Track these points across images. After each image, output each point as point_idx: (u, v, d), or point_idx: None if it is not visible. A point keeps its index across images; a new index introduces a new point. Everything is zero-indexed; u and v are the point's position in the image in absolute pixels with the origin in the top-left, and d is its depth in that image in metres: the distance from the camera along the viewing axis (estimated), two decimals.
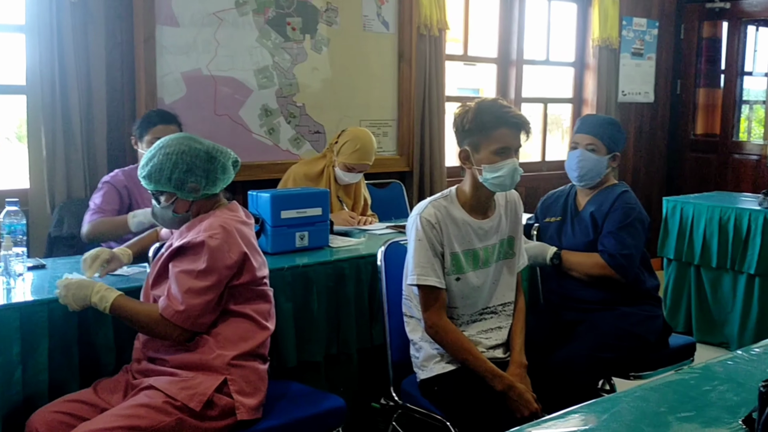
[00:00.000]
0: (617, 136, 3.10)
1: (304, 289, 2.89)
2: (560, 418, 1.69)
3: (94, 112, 3.80)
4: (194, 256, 2.29)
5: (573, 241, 3.09)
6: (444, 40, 5.13)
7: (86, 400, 2.30)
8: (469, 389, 2.47)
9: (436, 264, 2.51)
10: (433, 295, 2.51)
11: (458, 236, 2.55)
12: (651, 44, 6.65)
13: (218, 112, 4.25)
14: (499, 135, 2.48)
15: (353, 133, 3.88)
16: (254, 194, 3.13)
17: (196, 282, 2.26)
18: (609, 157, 3.07)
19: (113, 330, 2.48)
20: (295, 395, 2.58)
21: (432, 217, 2.52)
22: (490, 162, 2.50)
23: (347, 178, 3.85)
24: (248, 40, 4.30)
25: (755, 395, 1.47)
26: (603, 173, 3.08)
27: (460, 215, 2.57)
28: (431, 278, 2.50)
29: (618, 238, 2.96)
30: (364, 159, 3.82)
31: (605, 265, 2.96)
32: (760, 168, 6.45)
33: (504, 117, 2.48)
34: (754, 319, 4.61)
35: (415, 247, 2.52)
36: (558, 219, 3.18)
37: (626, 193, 3.07)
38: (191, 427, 2.21)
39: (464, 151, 2.55)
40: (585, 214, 3.09)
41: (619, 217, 2.99)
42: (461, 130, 2.53)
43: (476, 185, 2.57)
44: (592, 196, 3.11)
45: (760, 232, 4.52)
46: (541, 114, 6.16)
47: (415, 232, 2.53)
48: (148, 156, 2.38)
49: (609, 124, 3.13)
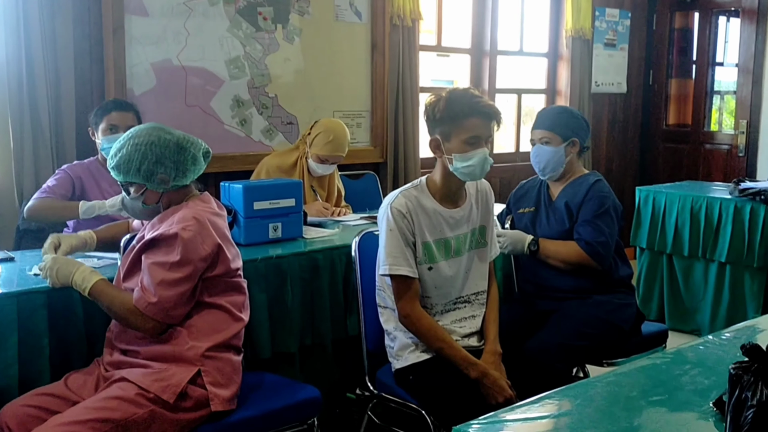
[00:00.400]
0: (571, 123, 3.10)
1: (278, 281, 2.88)
2: (534, 404, 1.70)
3: (63, 104, 3.75)
4: (167, 248, 2.26)
5: (548, 230, 3.10)
6: (417, 31, 5.13)
7: (57, 393, 2.27)
8: (444, 378, 2.48)
9: (408, 253, 2.51)
10: (405, 285, 2.51)
11: (429, 225, 2.55)
12: (623, 35, 6.69)
13: (189, 103, 4.21)
14: (470, 124, 2.48)
15: (326, 124, 3.86)
16: (227, 185, 3.10)
17: (169, 274, 2.24)
18: (566, 144, 3.07)
19: (84, 322, 2.46)
20: (269, 386, 2.56)
21: (403, 206, 2.51)
22: (460, 151, 2.50)
23: (320, 170, 3.83)
24: (219, 30, 4.26)
25: (725, 379, 1.48)
26: (563, 162, 3.08)
27: (431, 204, 2.57)
28: (403, 268, 2.50)
29: (594, 227, 2.98)
30: (337, 151, 3.80)
31: (582, 252, 2.98)
32: (730, 158, 6.52)
33: (475, 106, 2.48)
34: (725, 306, 4.67)
35: (387, 237, 2.51)
36: (531, 209, 3.19)
37: (599, 182, 3.09)
38: (164, 419, 2.19)
39: (435, 139, 2.55)
40: (559, 204, 3.10)
41: (594, 206, 3.00)
42: (432, 119, 2.52)
43: (447, 174, 2.57)
44: (565, 186, 3.12)
45: (731, 221, 4.57)
46: (515, 105, 6.17)
47: (386, 222, 2.52)
48: (116, 146, 2.35)
49: (560, 113, 3.15)
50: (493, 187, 6.30)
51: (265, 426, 2.41)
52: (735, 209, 4.57)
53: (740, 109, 6.41)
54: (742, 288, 4.61)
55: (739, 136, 6.40)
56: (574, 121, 3.11)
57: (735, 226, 4.56)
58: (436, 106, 2.50)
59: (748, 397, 1.35)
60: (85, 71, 3.86)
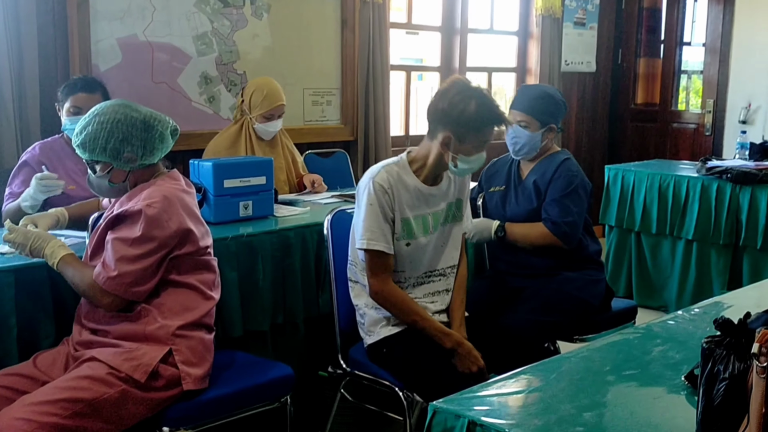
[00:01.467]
0: (551, 110, 3.06)
1: (249, 259, 2.85)
2: (509, 379, 1.71)
3: (26, 79, 3.67)
4: (131, 224, 2.24)
5: (517, 209, 3.10)
6: (388, 8, 5.09)
7: (25, 373, 2.24)
8: (418, 349, 2.49)
9: (386, 229, 2.50)
10: (380, 261, 2.51)
11: (410, 202, 2.55)
12: (593, 14, 6.70)
13: (156, 79, 4.15)
14: (488, 132, 2.52)
15: (254, 84, 3.77)
16: (196, 163, 3.06)
17: (130, 249, 2.22)
18: (543, 130, 3.05)
19: (52, 301, 2.42)
20: (241, 365, 2.55)
21: (385, 182, 2.50)
22: (468, 154, 2.51)
23: (271, 128, 3.69)
24: (186, 5, 4.19)
25: (696, 353, 1.50)
26: (539, 147, 3.07)
27: (412, 181, 2.56)
28: (380, 243, 2.49)
29: (561, 206, 2.99)
30: (276, 101, 3.68)
31: (549, 233, 2.99)
32: (697, 136, 6.59)
33: (498, 117, 2.50)
34: (692, 283, 4.73)
35: (366, 212, 2.49)
36: (502, 188, 3.18)
37: (568, 160, 3.09)
38: (136, 398, 2.17)
39: (447, 137, 2.49)
40: (528, 182, 3.10)
41: (562, 184, 3.01)
42: (455, 117, 2.46)
43: (438, 163, 2.55)
44: (535, 165, 3.12)
45: (698, 199, 4.62)
46: (486, 83, 6.17)
47: (366, 196, 2.50)
48: (82, 124, 2.30)
49: (541, 98, 3.08)
50: None
51: (237, 404, 2.40)
52: (702, 187, 4.62)
53: (707, 89, 6.47)
54: (708, 265, 4.68)
55: (706, 116, 6.46)
56: (554, 106, 3.07)
57: (702, 204, 4.61)
58: (465, 108, 2.44)
59: (720, 370, 1.37)
60: (48, 46, 3.78)
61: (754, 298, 2.45)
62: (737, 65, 6.27)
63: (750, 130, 5.90)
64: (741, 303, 2.30)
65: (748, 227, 4.47)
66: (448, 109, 2.46)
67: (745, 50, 6.21)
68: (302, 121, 4.78)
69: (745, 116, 6.20)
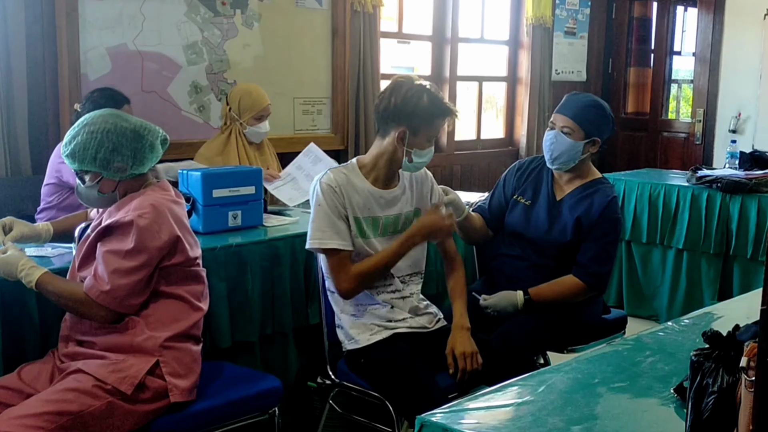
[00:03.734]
0: (599, 120, 2.86)
1: (237, 269, 2.84)
2: (498, 391, 1.70)
3: (14, 89, 3.65)
4: (122, 235, 2.22)
5: (543, 234, 2.89)
6: (378, 17, 5.09)
7: (10, 385, 2.22)
8: (396, 360, 2.48)
9: (341, 225, 2.51)
10: (338, 259, 2.51)
11: (359, 203, 2.56)
12: (583, 23, 6.73)
13: (146, 88, 4.13)
14: (439, 124, 2.58)
15: (239, 90, 3.89)
16: (185, 173, 3.04)
17: (124, 262, 2.20)
18: (586, 142, 2.85)
19: (38, 312, 2.39)
20: (229, 376, 2.54)
21: (332, 181, 2.52)
22: (421, 147, 2.56)
23: (263, 128, 3.82)
24: (176, 15, 4.18)
25: (686, 365, 1.49)
26: (578, 158, 2.87)
27: (362, 184, 2.58)
28: (333, 241, 2.50)
29: (603, 253, 2.82)
30: (263, 101, 3.81)
31: (582, 286, 2.82)
32: (688, 145, 6.61)
33: (446, 108, 2.56)
34: (682, 292, 4.73)
35: (315, 213, 2.52)
36: (528, 203, 2.96)
37: (614, 200, 2.88)
38: (122, 410, 2.15)
39: (403, 131, 2.53)
40: (565, 209, 2.88)
41: (608, 228, 2.83)
42: (408, 112, 2.50)
43: (390, 161, 2.59)
44: (575, 190, 2.91)
45: (689, 208, 4.63)
46: (476, 92, 6.17)
47: (315, 198, 2.53)
48: (71, 134, 2.29)
49: (591, 106, 2.88)
50: (454, 174, 6.30)
51: (225, 416, 2.39)
52: (692, 196, 4.63)
53: (697, 98, 6.50)
54: (698, 274, 4.68)
55: (696, 125, 6.49)
56: (603, 118, 2.88)
57: (692, 213, 4.62)
58: (418, 102, 2.49)
59: (709, 383, 1.36)
60: (37, 56, 3.76)
61: (744, 309, 2.44)
62: (727, 74, 6.30)
63: (740, 139, 5.93)
64: (731, 314, 2.31)
65: (738, 236, 4.48)
66: (402, 104, 2.51)
67: (734, 60, 6.25)
68: (293, 130, 4.77)
69: (735, 125, 6.23)
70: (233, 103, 3.78)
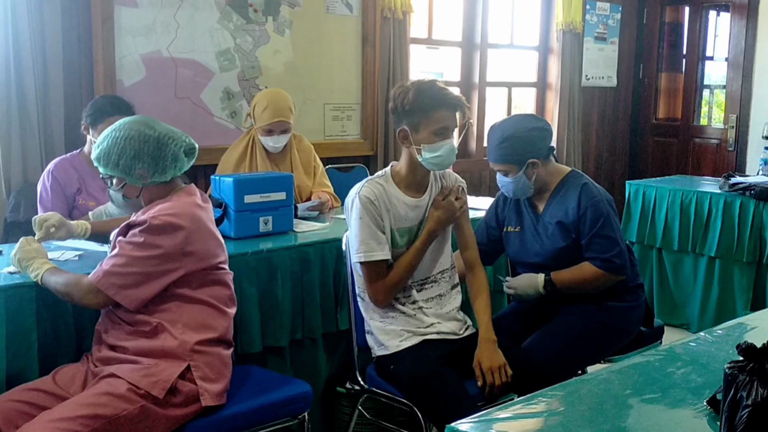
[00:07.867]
0: (520, 148, 2.80)
1: (268, 274, 2.86)
2: (528, 401, 1.69)
3: (51, 95, 3.71)
4: (137, 231, 2.27)
5: (541, 251, 2.88)
6: (408, 23, 5.10)
7: (45, 388, 2.25)
8: (424, 367, 2.48)
9: (382, 236, 2.56)
10: (377, 269, 2.56)
11: (395, 214, 2.60)
12: (614, 29, 6.68)
13: (179, 95, 4.18)
14: (439, 116, 2.55)
15: (261, 94, 3.69)
16: (217, 179, 3.08)
17: (129, 251, 2.25)
18: (524, 170, 2.82)
19: (73, 317, 2.43)
20: (259, 381, 2.55)
21: (371, 194, 2.56)
22: (429, 142, 2.56)
23: (271, 142, 3.57)
24: (209, 22, 4.23)
25: (719, 377, 1.48)
26: (530, 185, 2.85)
27: (396, 193, 2.62)
28: (377, 253, 2.55)
29: (602, 241, 2.78)
30: (275, 116, 3.52)
31: (600, 272, 2.78)
32: (720, 152, 6.54)
33: (443, 98, 2.55)
34: (714, 300, 4.68)
35: (358, 226, 2.55)
36: (517, 230, 2.96)
37: (585, 187, 2.84)
38: (155, 414, 2.18)
39: (403, 130, 2.58)
40: (547, 220, 2.88)
41: (592, 217, 2.79)
42: (401, 111, 2.57)
43: (413, 164, 2.62)
44: (548, 201, 2.90)
45: (721, 216, 4.58)
46: (506, 98, 6.16)
47: (355, 211, 2.56)
48: (101, 138, 2.36)
49: (504, 140, 2.82)
50: (483, 181, 6.27)
51: (256, 421, 2.40)
52: (725, 204, 4.58)
53: (730, 104, 6.43)
54: (731, 282, 4.63)
55: (729, 131, 6.41)
56: (522, 144, 2.81)
57: (725, 220, 4.57)
58: (404, 98, 2.54)
59: (743, 396, 1.35)
60: (73, 62, 3.82)
61: None
62: (760, 80, 6.23)
63: None
64: (764, 324, 2.28)
65: None
66: (393, 105, 2.58)
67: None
68: (323, 136, 4.79)
69: None
70: (252, 106, 3.67)
